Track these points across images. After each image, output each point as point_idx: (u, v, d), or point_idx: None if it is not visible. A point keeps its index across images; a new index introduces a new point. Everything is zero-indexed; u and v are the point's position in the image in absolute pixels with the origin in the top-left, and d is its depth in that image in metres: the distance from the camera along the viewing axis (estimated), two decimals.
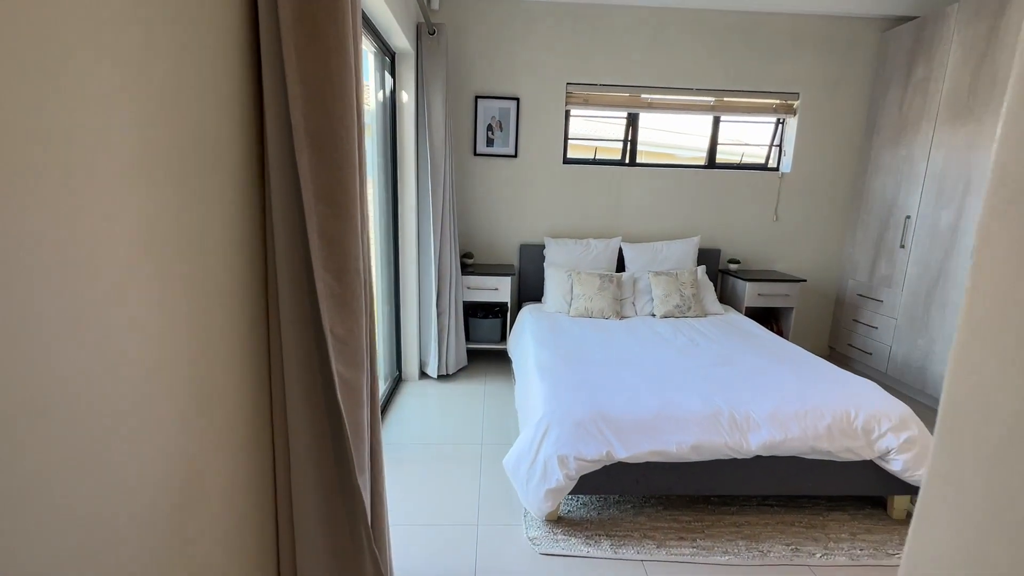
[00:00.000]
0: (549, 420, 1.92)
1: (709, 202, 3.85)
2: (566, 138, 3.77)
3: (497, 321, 3.64)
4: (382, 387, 3.09)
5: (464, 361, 3.55)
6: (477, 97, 3.61)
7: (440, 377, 3.38)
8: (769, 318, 3.83)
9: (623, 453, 1.83)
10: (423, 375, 3.41)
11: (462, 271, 3.51)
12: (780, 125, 3.87)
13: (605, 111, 3.75)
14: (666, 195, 3.83)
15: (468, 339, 3.65)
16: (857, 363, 3.76)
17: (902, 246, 3.35)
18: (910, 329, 3.28)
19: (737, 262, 3.82)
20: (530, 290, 3.84)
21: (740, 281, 3.66)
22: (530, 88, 3.62)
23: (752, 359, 2.51)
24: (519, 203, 3.79)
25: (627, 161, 3.88)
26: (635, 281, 3.54)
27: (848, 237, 3.88)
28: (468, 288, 3.51)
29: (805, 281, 3.66)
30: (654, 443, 1.86)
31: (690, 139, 3.98)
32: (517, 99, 3.61)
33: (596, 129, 3.90)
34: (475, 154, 3.69)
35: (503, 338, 3.68)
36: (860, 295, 3.71)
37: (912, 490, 1.99)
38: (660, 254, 3.67)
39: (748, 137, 3.99)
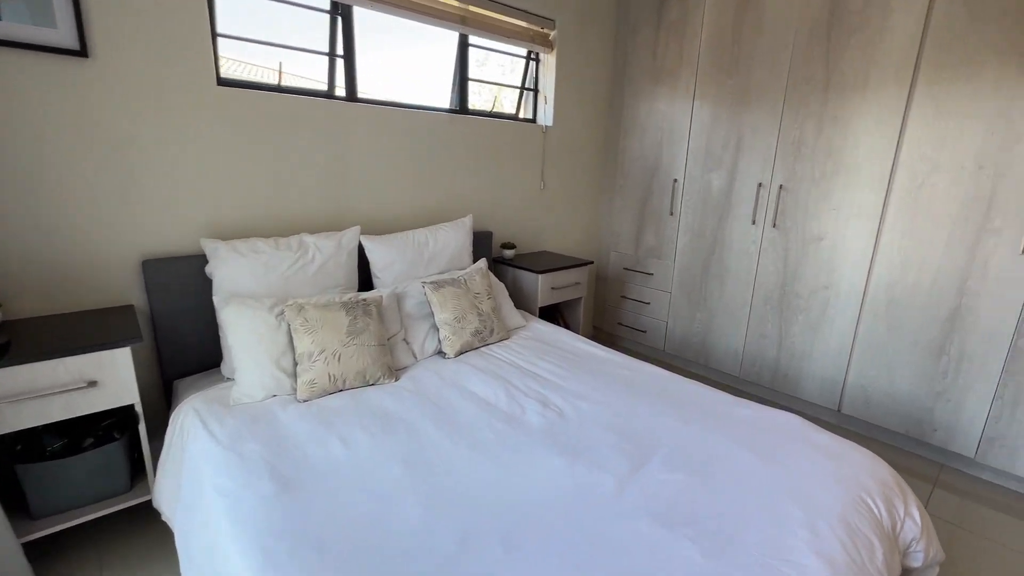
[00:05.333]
0: None
1: (467, 165, 2.67)
2: (214, 33, 1.83)
3: (113, 449, 1.55)
4: None
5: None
6: None
7: None
8: (554, 312, 3.06)
9: None
10: None
11: None
12: (534, 62, 2.98)
13: None
14: (410, 154, 2.43)
15: (30, 516, 1.44)
16: (629, 342, 3.45)
17: (671, 213, 3.04)
18: (687, 303, 3.05)
19: (513, 247, 2.84)
20: (188, 356, 1.85)
21: (528, 274, 2.69)
22: None
23: (662, 420, 1.55)
24: (121, 166, 1.68)
25: (343, 95, 2.25)
26: (399, 301, 2.08)
27: (606, 204, 3.43)
28: None
29: (592, 263, 3.01)
30: None
31: (430, 72, 2.65)
32: None
33: (277, 26, 2.08)
34: None
35: (136, 478, 1.64)
36: (627, 268, 3.34)
37: None
38: (427, 249, 2.29)
39: (499, 75, 2.96)
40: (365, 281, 2.18)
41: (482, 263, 2.37)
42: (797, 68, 2.40)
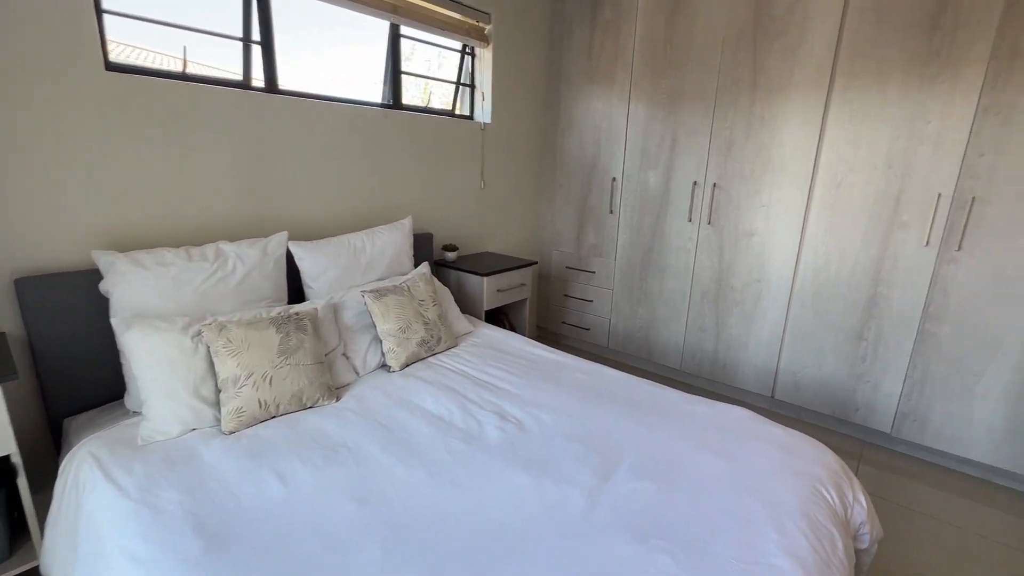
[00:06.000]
0: None
1: (404, 163, 2.52)
2: (99, 8, 1.57)
3: None
4: None
5: None
6: None
7: None
8: (499, 314, 2.98)
9: None
10: None
11: None
12: (469, 56, 2.87)
13: None
14: (342, 152, 2.24)
15: None
16: (574, 340, 3.46)
17: (611, 211, 3.06)
18: (629, 299, 3.10)
19: (455, 248, 2.73)
20: (80, 390, 1.57)
21: (472, 277, 2.59)
22: None
23: (623, 425, 1.52)
24: None
25: (262, 86, 2.02)
26: (336, 313, 1.91)
27: (547, 203, 3.40)
28: None
29: (536, 263, 2.96)
30: None
31: (357, 61, 2.47)
32: None
33: (180, 7, 1.82)
34: None
35: (19, 541, 1.36)
36: (569, 267, 3.34)
37: None
38: (364, 255, 2.13)
39: (424, 70, 2.82)
40: (296, 292, 1.98)
41: (425, 267, 2.24)
42: (727, 71, 2.48)
